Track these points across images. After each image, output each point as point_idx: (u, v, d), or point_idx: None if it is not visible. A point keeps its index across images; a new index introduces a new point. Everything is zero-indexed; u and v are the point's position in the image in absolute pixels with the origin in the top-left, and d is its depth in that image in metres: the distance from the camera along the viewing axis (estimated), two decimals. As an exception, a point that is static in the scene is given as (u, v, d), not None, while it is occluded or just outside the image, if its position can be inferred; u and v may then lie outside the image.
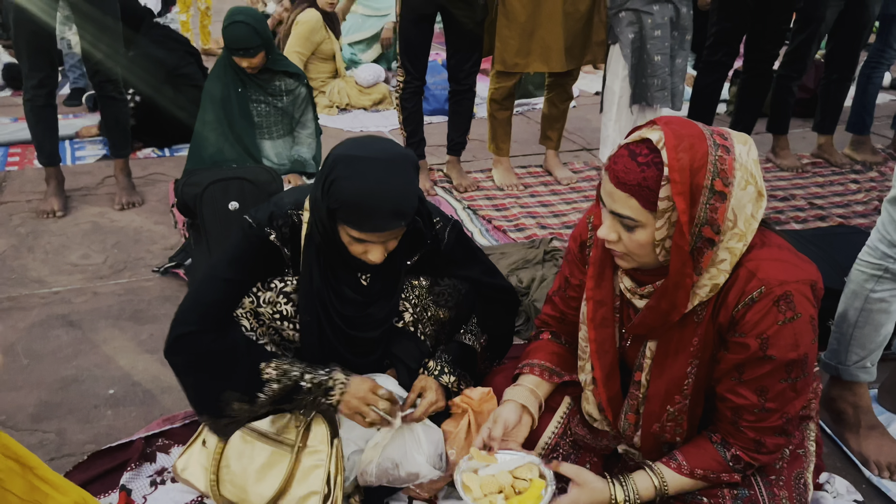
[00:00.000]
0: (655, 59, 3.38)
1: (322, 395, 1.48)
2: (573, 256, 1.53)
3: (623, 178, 1.20)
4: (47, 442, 1.91)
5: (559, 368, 1.58)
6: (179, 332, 1.51)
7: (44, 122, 3.24)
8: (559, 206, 3.52)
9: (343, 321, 1.57)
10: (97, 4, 3.07)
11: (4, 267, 2.81)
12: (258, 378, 1.47)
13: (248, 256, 1.55)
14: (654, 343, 1.37)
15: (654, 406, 1.38)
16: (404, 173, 1.42)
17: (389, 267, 1.55)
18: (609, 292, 1.41)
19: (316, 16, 4.89)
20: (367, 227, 1.40)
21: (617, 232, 1.25)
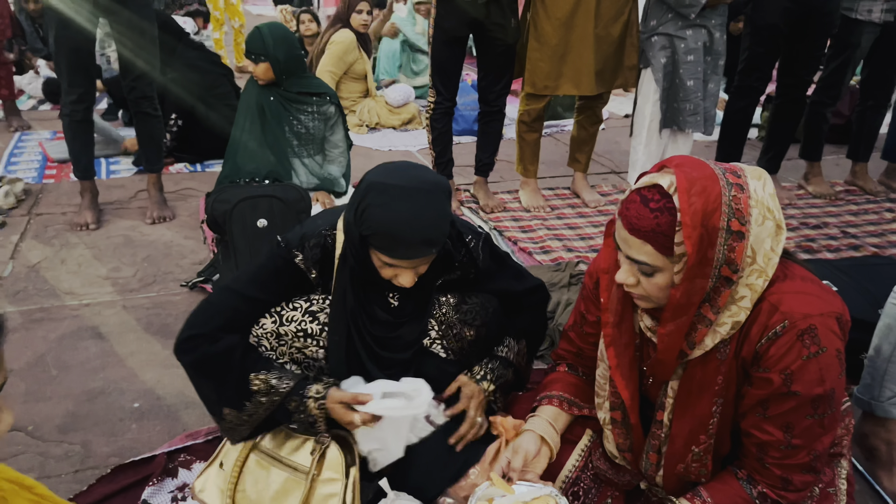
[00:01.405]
0: (688, 84, 3.36)
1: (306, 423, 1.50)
2: (589, 293, 1.51)
3: (636, 225, 1.19)
4: (73, 453, 1.93)
5: (578, 400, 1.56)
6: (188, 333, 1.54)
7: (80, 136, 3.31)
8: (586, 229, 3.50)
9: (374, 341, 1.57)
10: (136, 23, 3.14)
11: (38, 278, 2.87)
12: (247, 387, 1.49)
13: (270, 277, 1.57)
14: (676, 382, 1.34)
15: (677, 446, 1.36)
16: (436, 202, 1.42)
17: (420, 288, 1.55)
18: (629, 331, 1.39)
19: (350, 36, 4.95)
20: (397, 255, 1.41)
21: (635, 276, 1.24)
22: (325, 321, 1.58)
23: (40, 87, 5.71)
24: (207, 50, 4.71)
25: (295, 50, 3.04)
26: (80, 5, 2.99)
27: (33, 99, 5.75)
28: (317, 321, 1.56)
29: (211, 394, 1.55)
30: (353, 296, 1.54)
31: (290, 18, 7.75)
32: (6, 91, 4.85)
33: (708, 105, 3.50)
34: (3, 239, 3.20)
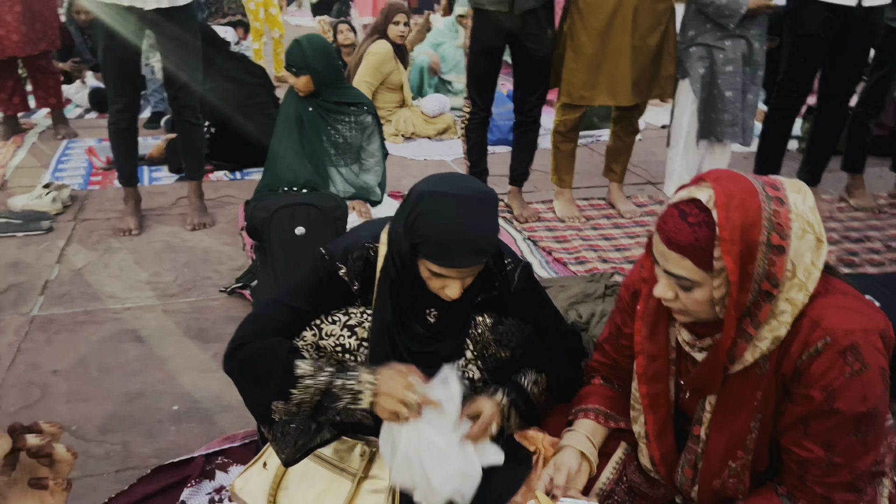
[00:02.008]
0: (726, 95, 3.33)
1: (352, 401, 1.44)
2: (625, 305, 1.50)
3: (675, 239, 1.18)
4: (113, 454, 1.98)
5: (614, 413, 1.55)
6: (235, 343, 1.55)
7: (125, 144, 3.40)
8: (621, 240, 3.48)
9: (410, 356, 1.57)
10: (181, 36, 3.22)
11: (82, 281, 2.94)
12: (292, 375, 1.47)
13: (314, 288, 1.57)
14: (714, 397, 1.33)
15: (713, 461, 1.34)
16: (487, 211, 1.42)
17: (458, 305, 1.55)
18: (664, 345, 1.37)
19: (387, 47, 5.01)
20: (448, 263, 1.40)
21: (673, 290, 1.23)
22: (363, 336, 1.59)
23: (87, 96, 5.87)
24: (247, 60, 4.79)
25: (334, 61, 3.09)
26: (127, 18, 3.07)
27: (80, 108, 5.91)
28: (355, 336, 1.58)
29: (258, 392, 1.52)
30: (392, 310, 1.55)
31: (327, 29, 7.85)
32: (54, 100, 4.99)
33: (746, 116, 3.47)
34: (51, 243, 3.29)
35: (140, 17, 3.09)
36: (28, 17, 4.46)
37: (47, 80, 4.88)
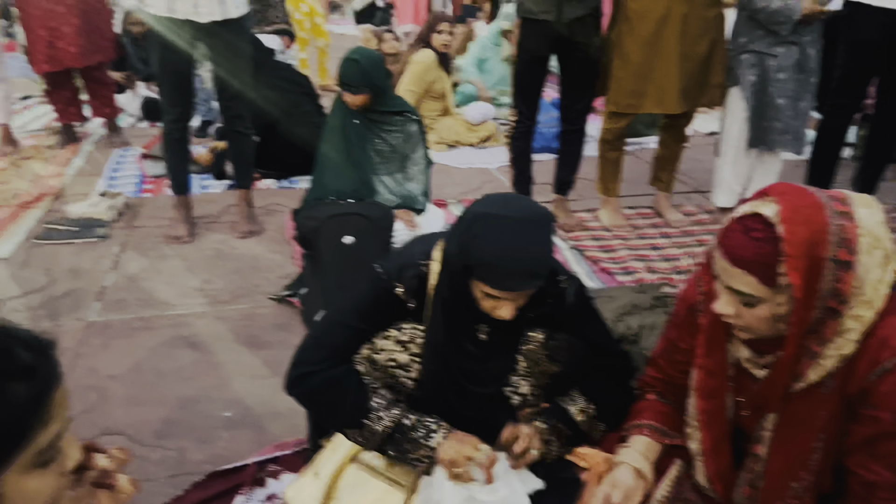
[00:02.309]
0: (778, 103, 3.27)
1: (424, 436, 1.50)
2: (681, 319, 1.48)
3: (738, 255, 1.16)
4: (168, 459, 2.02)
5: (668, 429, 1.53)
6: (300, 371, 1.58)
7: (178, 153, 3.47)
8: (670, 250, 3.43)
9: (462, 374, 1.58)
10: (233, 47, 3.29)
11: (136, 288, 3.02)
12: (365, 405, 1.52)
13: (374, 308, 1.58)
14: (775, 415, 1.30)
15: (774, 481, 1.31)
16: (543, 234, 1.41)
17: (509, 322, 1.54)
18: (722, 361, 1.35)
19: (431, 56, 5.04)
20: (503, 287, 1.40)
21: (735, 307, 1.21)
22: (414, 352, 1.60)
23: (139, 106, 6.02)
24: (292, 70, 4.85)
25: (388, 73, 3.12)
26: (182, 30, 3.15)
27: (132, 117, 6.07)
28: (407, 351, 1.59)
29: (330, 420, 1.60)
30: (445, 329, 1.55)
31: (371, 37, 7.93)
32: (109, 110, 5.14)
33: (799, 124, 3.39)
34: (106, 250, 3.38)
35: (194, 29, 3.17)
36: (85, 30, 4.61)
37: (102, 90, 5.03)
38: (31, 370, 0.79)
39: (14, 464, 0.78)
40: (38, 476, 0.81)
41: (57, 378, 0.82)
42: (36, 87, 6.30)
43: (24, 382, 0.78)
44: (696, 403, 1.39)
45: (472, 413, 1.62)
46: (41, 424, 0.79)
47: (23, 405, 0.77)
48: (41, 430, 0.79)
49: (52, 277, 3.10)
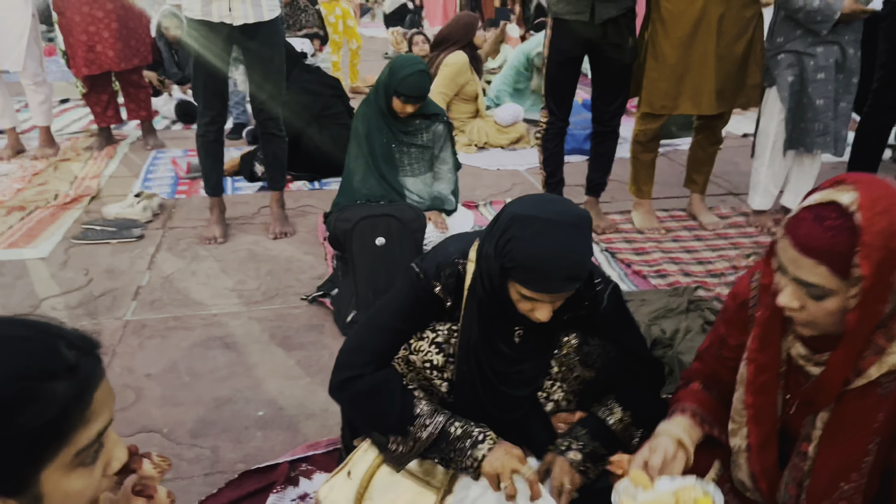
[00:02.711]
0: (817, 103, 3.21)
1: (470, 446, 1.48)
2: (731, 315, 1.45)
3: (809, 245, 1.12)
4: (203, 458, 2.04)
5: (710, 417, 1.50)
6: (344, 376, 1.58)
7: (212, 155, 3.51)
8: (704, 253, 3.38)
9: (494, 376, 1.57)
10: (267, 51, 3.32)
11: (171, 288, 3.06)
12: (410, 411, 1.52)
13: (414, 308, 1.58)
14: (826, 414, 1.27)
15: (821, 481, 1.28)
16: (581, 237, 1.39)
17: (544, 325, 1.53)
18: (775, 357, 1.32)
19: (464, 58, 5.04)
20: (541, 289, 1.39)
21: (801, 300, 1.17)
22: (450, 353, 1.59)
23: (173, 108, 6.11)
24: (323, 73, 4.88)
25: None
26: (217, 33, 3.19)
27: (167, 119, 6.16)
28: (442, 352, 1.58)
29: (374, 425, 1.58)
30: (480, 329, 1.54)
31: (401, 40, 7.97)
32: (145, 112, 5.22)
33: (839, 125, 3.33)
34: (141, 251, 3.44)
35: (228, 32, 3.20)
36: (123, 34, 4.70)
37: (139, 93, 5.12)
38: (74, 369, 0.79)
39: (54, 462, 0.78)
40: (79, 475, 0.81)
41: (99, 377, 0.83)
42: (74, 90, 6.42)
43: (66, 381, 0.78)
44: (745, 399, 1.35)
45: (504, 416, 1.61)
46: (82, 423, 0.80)
47: (64, 404, 0.77)
48: (82, 429, 0.80)
49: (90, 277, 3.15)
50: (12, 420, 0.74)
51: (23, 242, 3.49)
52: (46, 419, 0.76)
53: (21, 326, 0.82)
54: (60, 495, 0.80)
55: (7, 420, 0.74)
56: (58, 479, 0.79)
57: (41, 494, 0.79)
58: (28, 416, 0.75)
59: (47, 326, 0.83)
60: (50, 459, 0.78)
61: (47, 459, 0.78)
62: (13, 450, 0.75)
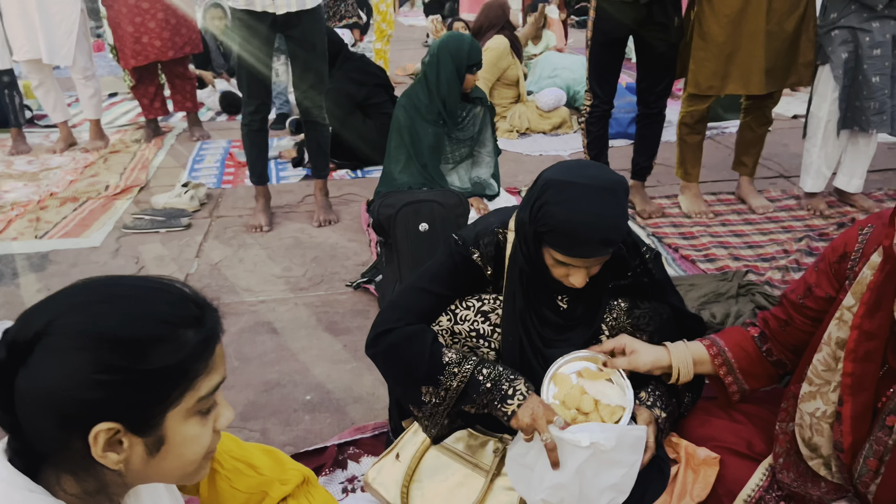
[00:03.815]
0: (873, 81, 3.10)
1: (499, 400, 1.45)
2: (826, 266, 1.40)
3: None
4: (252, 440, 2.07)
5: (736, 369, 1.49)
6: (377, 331, 1.59)
7: (257, 145, 3.55)
8: (754, 237, 3.30)
9: (543, 343, 1.56)
10: (310, 38, 3.33)
11: (219, 275, 3.11)
12: (439, 361, 1.50)
13: (449, 273, 1.60)
14: None
15: None
16: (616, 201, 1.39)
17: (590, 292, 1.52)
18: (885, 323, 1.25)
19: (504, 42, 5.00)
20: (573, 253, 1.39)
21: None
22: (496, 322, 1.59)
23: (217, 99, 6.20)
24: (368, 61, 4.89)
25: None
26: (260, 22, 3.21)
27: (211, 111, 6.26)
28: (488, 321, 1.58)
29: (404, 377, 1.56)
30: (523, 296, 1.54)
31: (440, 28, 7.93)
32: (191, 104, 5.31)
33: (896, 103, 3.21)
34: (190, 239, 3.50)
35: (271, 21, 3.22)
36: (170, 24, 4.77)
37: (185, 85, 5.20)
38: (201, 320, 0.86)
39: (179, 405, 0.84)
40: (197, 423, 0.87)
41: (219, 332, 0.89)
42: (121, 84, 6.57)
43: (194, 329, 0.85)
44: (844, 367, 1.28)
45: None
46: (205, 371, 0.86)
47: (193, 349, 0.84)
48: (205, 377, 0.86)
49: (140, 265, 3.22)
50: (148, 357, 0.81)
51: (76, 232, 3.58)
52: (178, 359, 0.82)
53: (156, 281, 0.89)
54: (180, 439, 0.86)
55: (144, 356, 0.80)
56: (180, 423, 0.85)
57: (164, 436, 0.84)
58: (162, 354, 0.81)
59: (176, 284, 0.90)
60: (177, 400, 0.83)
61: (175, 400, 0.83)
62: (147, 384, 0.81)
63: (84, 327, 0.80)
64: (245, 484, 1.17)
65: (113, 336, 0.80)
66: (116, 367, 0.79)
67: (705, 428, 1.55)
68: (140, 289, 0.86)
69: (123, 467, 0.83)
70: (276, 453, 1.26)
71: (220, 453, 1.16)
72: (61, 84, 5.14)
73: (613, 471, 1.35)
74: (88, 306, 0.82)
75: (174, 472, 0.88)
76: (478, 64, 3.07)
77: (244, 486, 1.17)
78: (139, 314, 0.82)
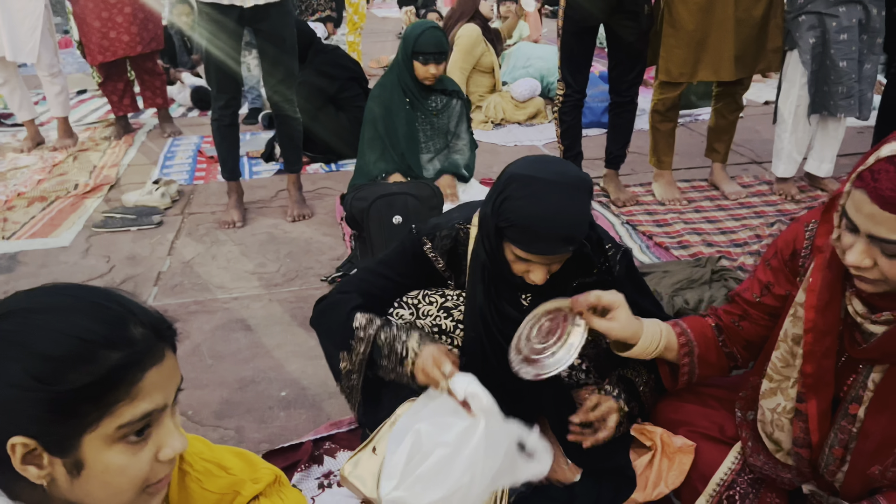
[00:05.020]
0: (840, 66, 3.13)
1: (399, 363, 1.47)
2: (780, 263, 1.40)
3: (893, 198, 1.04)
4: (227, 438, 2.05)
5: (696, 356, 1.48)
6: (316, 303, 1.65)
7: (228, 139, 3.51)
8: (727, 223, 3.33)
9: (505, 341, 1.55)
10: (279, 32, 3.29)
11: (192, 273, 3.07)
12: (351, 326, 1.52)
13: (400, 259, 1.62)
14: (879, 374, 1.23)
15: (870, 445, 1.24)
16: (579, 198, 1.38)
17: (553, 290, 1.51)
18: (835, 320, 1.26)
19: (476, 29, 4.99)
20: (533, 249, 1.38)
21: (872, 257, 1.11)
22: (458, 318, 1.59)
23: (189, 95, 6.12)
24: (341, 54, 4.80)
25: None
26: (227, 16, 3.17)
27: (182, 107, 6.18)
28: (451, 317, 1.58)
29: (329, 344, 1.60)
30: (484, 293, 1.53)
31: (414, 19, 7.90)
32: (161, 100, 5.23)
33: (864, 87, 3.24)
34: (161, 237, 3.45)
35: (239, 14, 3.18)
36: (138, 19, 4.68)
37: (154, 81, 5.12)
38: (132, 344, 0.82)
39: (95, 430, 0.80)
40: (121, 451, 0.82)
41: (156, 359, 0.84)
42: (91, 81, 6.46)
43: (119, 352, 0.80)
44: (805, 366, 1.29)
45: (517, 383, 1.59)
46: (127, 398, 0.81)
47: (111, 370, 0.80)
48: (126, 403, 0.81)
49: (111, 264, 3.17)
50: (64, 375, 0.78)
51: (45, 232, 3.52)
52: (91, 380, 0.78)
53: (103, 295, 0.85)
54: (101, 466, 0.82)
55: (59, 375, 0.78)
56: (100, 449, 0.81)
57: (82, 460, 0.81)
58: (79, 374, 0.78)
59: (126, 302, 0.86)
60: (92, 424, 0.80)
61: (90, 424, 0.79)
62: (59, 404, 0.78)
63: (11, 336, 0.78)
64: (216, 485, 1.16)
65: (33, 349, 0.78)
66: (29, 382, 0.76)
67: (678, 413, 1.55)
68: (77, 301, 0.83)
69: (48, 484, 0.81)
70: (247, 454, 1.24)
71: (190, 455, 1.14)
72: (27, 82, 5.04)
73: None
74: (22, 314, 0.80)
75: (106, 499, 0.84)
76: (426, 55, 3.01)
77: (215, 487, 1.16)
78: (63, 330, 0.79)
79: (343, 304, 1.56)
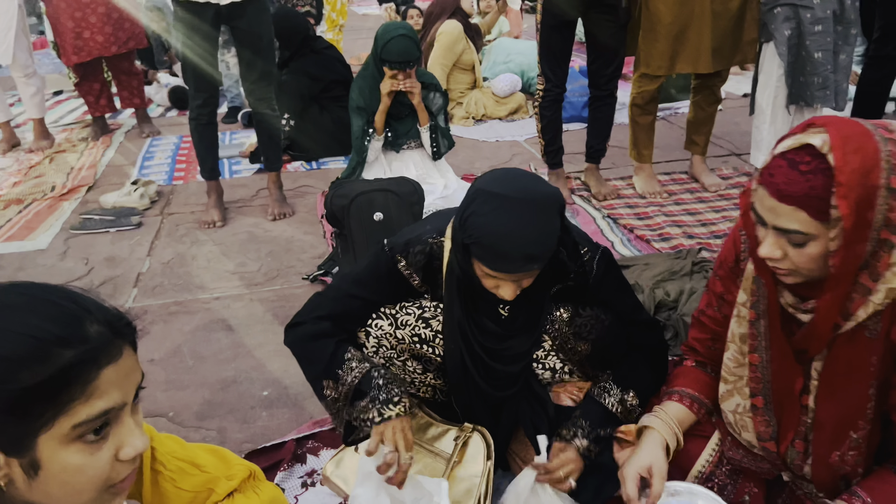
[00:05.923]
0: (816, 56, 3.15)
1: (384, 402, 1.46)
2: (727, 272, 1.42)
3: (787, 191, 1.09)
4: (209, 439, 2.04)
5: (705, 398, 1.49)
6: (293, 321, 1.63)
7: (206, 139, 3.48)
8: (707, 215, 3.35)
9: (484, 353, 1.54)
10: (255, 29, 3.26)
11: (172, 273, 3.05)
12: (341, 356, 1.53)
13: (373, 278, 1.59)
14: (820, 363, 1.25)
15: (826, 433, 1.26)
16: (543, 217, 1.34)
17: (530, 300, 1.50)
18: (775, 313, 1.29)
19: (458, 26, 4.98)
20: (497, 267, 1.35)
21: (782, 249, 1.15)
22: (437, 328, 1.58)
23: (166, 95, 6.06)
24: (332, 56, 4.60)
25: None
26: (204, 14, 3.14)
27: (160, 107, 6.12)
28: (429, 328, 1.57)
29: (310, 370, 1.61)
30: (461, 306, 1.51)
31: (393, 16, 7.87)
32: (138, 100, 5.18)
33: (839, 78, 3.27)
34: (141, 238, 3.42)
35: (215, 12, 3.15)
36: (112, 18, 4.62)
37: (131, 81, 5.07)
38: (86, 342, 0.80)
39: (50, 429, 0.79)
40: (77, 451, 0.81)
41: (112, 356, 0.83)
42: (67, 82, 6.38)
43: (73, 350, 0.79)
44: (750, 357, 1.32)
45: (497, 393, 1.59)
46: (83, 396, 0.80)
47: (64, 369, 0.78)
48: (82, 402, 0.79)
49: (90, 266, 3.14)
50: (14, 374, 0.76)
51: (21, 235, 3.47)
52: (44, 378, 0.77)
53: (58, 293, 0.83)
54: (58, 466, 0.80)
55: (9, 373, 0.76)
56: (56, 449, 0.79)
57: (39, 460, 0.79)
58: (30, 373, 0.77)
59: (82, 300, 0.84)
60: (47, 424, 0.78)
61: (45, 423, 0.78)
62: (9, 403, 0.77)
63: None
64: (190, 483, 1.15)
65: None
66: None
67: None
68: (30, 299, 0.81)
69: (6, 485, 0.80)
70: (221, 451, 1.23)
71: (163, 454, 1.13)
72: (2, 83, 4.99)
73: None
74: None
75: (66, 499, 0.83)
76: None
77: (189, 485, 1.15)
78: (14, 328, 0.78)
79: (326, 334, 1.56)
